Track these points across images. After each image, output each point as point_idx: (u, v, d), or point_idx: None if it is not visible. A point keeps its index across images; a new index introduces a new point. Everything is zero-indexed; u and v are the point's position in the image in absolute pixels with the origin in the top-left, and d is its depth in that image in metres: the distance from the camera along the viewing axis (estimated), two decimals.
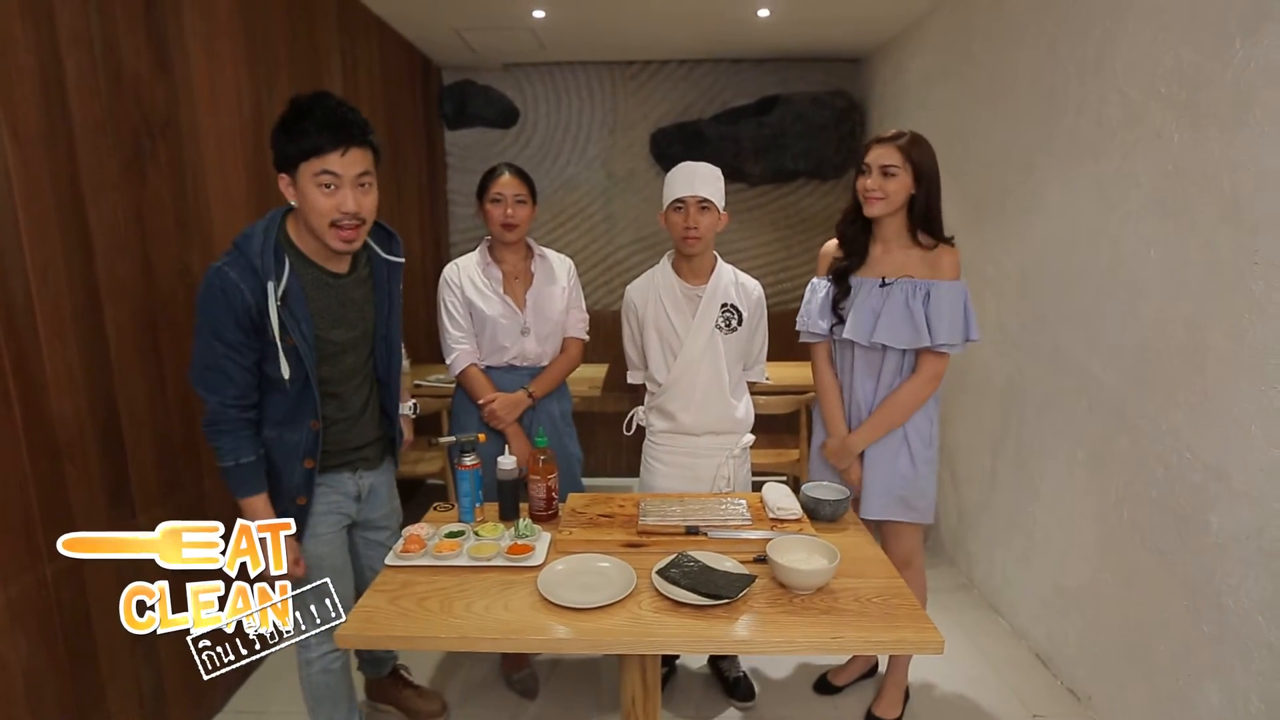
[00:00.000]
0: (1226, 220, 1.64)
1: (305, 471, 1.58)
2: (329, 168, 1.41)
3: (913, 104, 3.55)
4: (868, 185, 1.78)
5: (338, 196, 1.43)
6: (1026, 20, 2.51)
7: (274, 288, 1.42)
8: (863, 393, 1.90)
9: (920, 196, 1.77)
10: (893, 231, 1.83)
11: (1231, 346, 1.63)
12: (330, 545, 1.68)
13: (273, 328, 1.42)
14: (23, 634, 1.48)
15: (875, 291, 1.82)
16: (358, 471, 1.71)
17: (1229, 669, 1.64)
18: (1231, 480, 1.63)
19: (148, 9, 1.84)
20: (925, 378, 1.81)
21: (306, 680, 1.76)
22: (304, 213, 1.47)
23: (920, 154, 1.75)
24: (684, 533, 1.57)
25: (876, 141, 1.79)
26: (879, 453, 1.88)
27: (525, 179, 2.03)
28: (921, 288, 1.77)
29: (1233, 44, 1.62)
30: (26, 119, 1.48)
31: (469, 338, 2.06)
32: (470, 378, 2.06)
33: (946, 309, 1.75)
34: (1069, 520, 2.24)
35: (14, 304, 1.46)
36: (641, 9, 3.33)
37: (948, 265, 1.78)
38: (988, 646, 2.48)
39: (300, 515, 1.59)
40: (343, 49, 3.01)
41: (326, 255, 1.53)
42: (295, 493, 1.58)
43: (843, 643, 1.24)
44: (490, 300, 2.04)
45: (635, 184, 4.47)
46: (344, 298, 1.57)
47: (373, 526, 1.81)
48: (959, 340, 1.77)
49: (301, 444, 1.56)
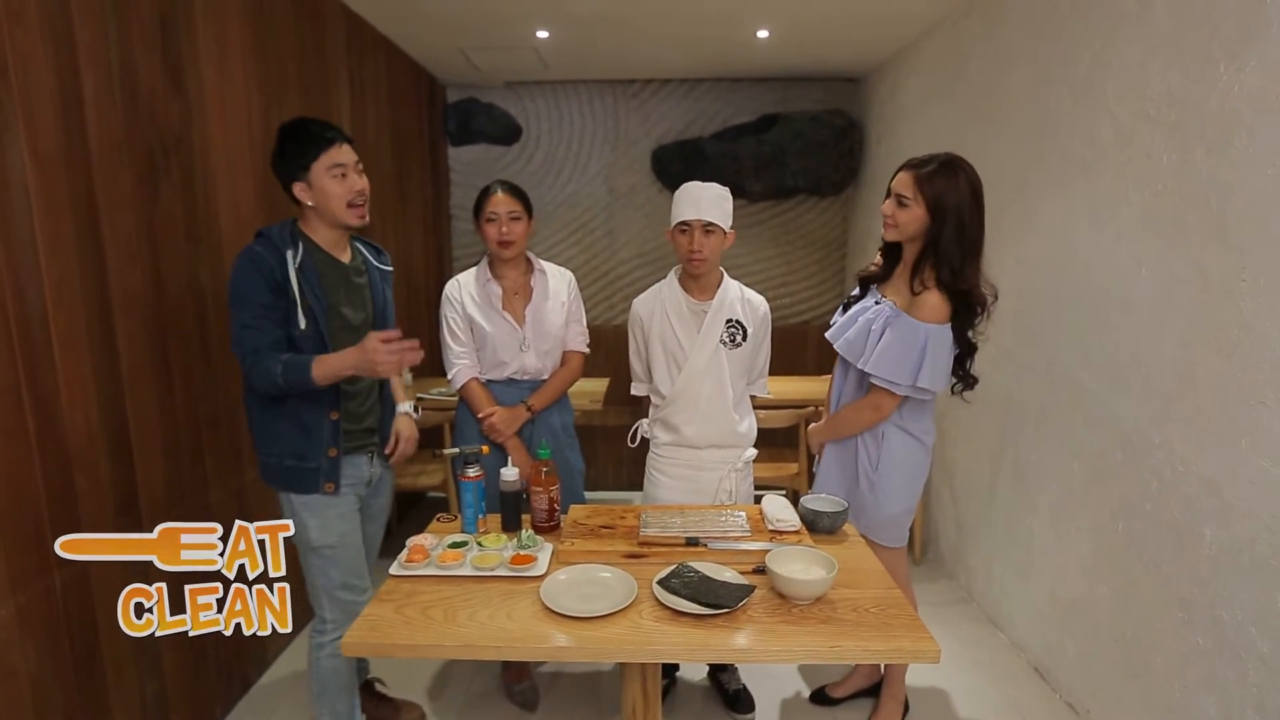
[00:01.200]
0: (1215, 239, 1.68)
1: (332, 424, 1.74)
2: (337, 160, 1.68)
3: (910, 123, 3.61)
4: (885, 211, 1.78)
5: (349, 180, 1.70)
6: (1019, 43, 2.56)
7: (291, 256, 1.67)
8: (834, 392, 1.99)
9: (932, 232, 1.68)
10: (910, 258, 1.80)
11: (1222, 361, 1.66)
12: (352, 523, 1.82)
13: (293, 288, 1.65)
14: (31, 642, 1.50)
15: (869, 305, 1.86)
16: (371, 456, 1.87)
17: (1224, 681, 1.65)
18: (1224, 493, 1.65)
19: (163, 30, 1.89)
20: (866, 402, 1.83)
21: (316, 666, 1.83)
22: (323, 203, 1.70)
23: (940, 187, 1.65)
24: (684, 544, 1.59)
25: (905, 165, 1.74)
26: (833, 453, 1.97)
27: (519, 195, 2.05)
28: (890, 316, 1.76)
29: (1218, 69, 1.67)
30: (46, 137, 1.53)
31: (469, 352, 2.10)
32: (470, 392, 2.09)
33: (895, 342, 1.72)
34: (1066, 534, 2.26)
35: (30, 317, 1.49)
36: (643, 30, 3.40)
37: (925, 305, 1.71)
38: (986, 659, 2.49)
39: (332, 468, 1.74)
40: (350, 68, 3.07)
41: (333, 244, 1.77)
42: (327, 444, 1.73)
43: (840, 652, 1.26)
44: (490, 316, 2.07)
45: (636, 200, 4.53)
46: (349, 281, 1.79)
47: (368, 517, 1.93)
48: (903, 380, 1.72)
49: (325, 396, 1.71)
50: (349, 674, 1.88)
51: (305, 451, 1.72)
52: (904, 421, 1.86)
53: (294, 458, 1.72)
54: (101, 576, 1.68)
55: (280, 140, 1.70)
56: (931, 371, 1.71)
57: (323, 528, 1.75)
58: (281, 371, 1.61)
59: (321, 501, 1.74)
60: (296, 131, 1.70)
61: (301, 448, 1.71)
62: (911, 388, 1.74)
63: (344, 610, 1.80)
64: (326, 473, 1.74)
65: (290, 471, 1.72)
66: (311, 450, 1.72)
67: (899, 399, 1.80)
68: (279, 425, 1.71)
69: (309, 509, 1.74)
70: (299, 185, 1.69)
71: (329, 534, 1.76)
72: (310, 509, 1.74)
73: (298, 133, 1.69)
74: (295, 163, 1.68)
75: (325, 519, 1.75)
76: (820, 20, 3.24)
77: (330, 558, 1.77)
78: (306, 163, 1.67)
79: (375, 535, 2.00)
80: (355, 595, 1.81)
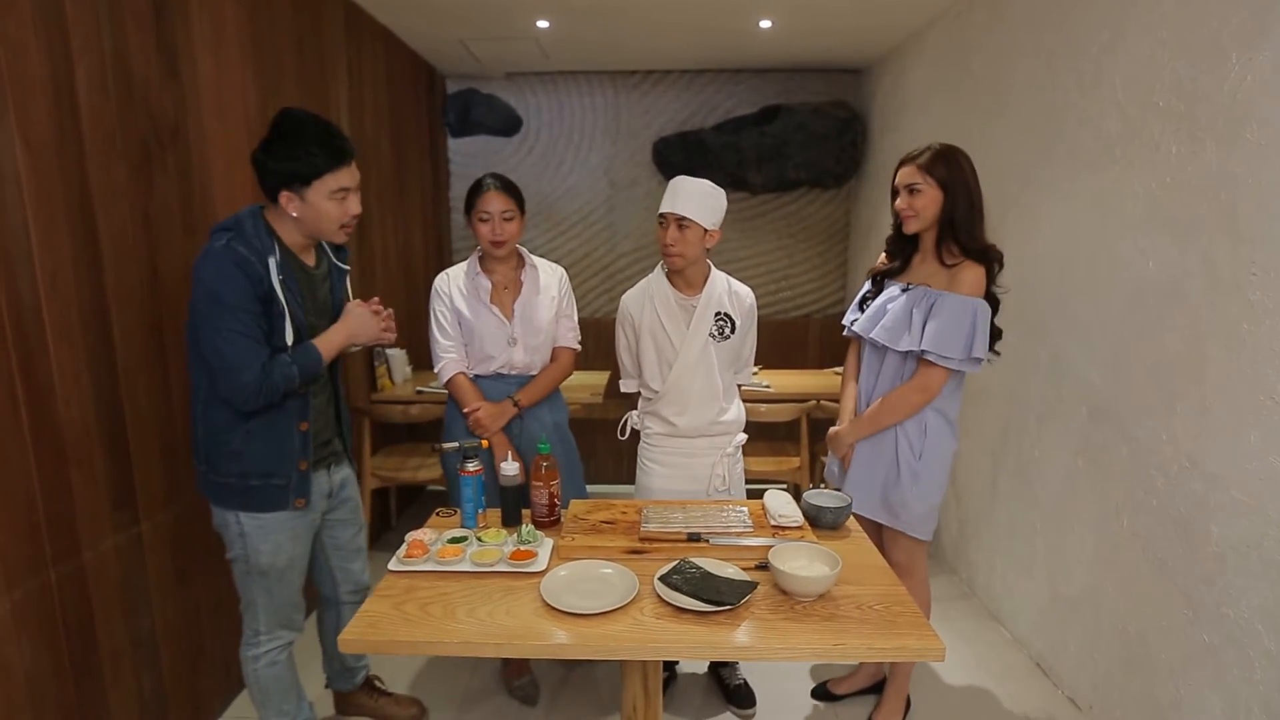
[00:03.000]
0: (1224, 231, 1.66)
1: (302, 435, 1.65)
2: (344, 183, 1.56)
3: (913, 115, 3.58)
4: (899, 207, 1.82)
5: (348, 204, 1.59)
6: (1024, 33, 2.53)
7: (274, 261, 1.53)
8: (864, 389, 1.96)
9: (948, 208, 1.78)
10: (930, 243, 1.85)
11: (1230, 356, 1.64)
12: (304, 546, 1.75)
13: (279, 298, 1.53)
14: (26, 638, 1.48)
15: (895, 294, 1.86)
16: (330, 467, 1.79)
17: (1230, 679, 1.64)
18: (1231, 489, 1.64)
19: (157, 18, 1.86)
20: (914, 385, 1.82)
21: (253, 677, 1.77)
22: (311, 220, 1.57)
23: (943, 168, 1.76)
24: (686, 539, 1.58)
25: (901, 162, 1.83)
26: (867, 450, 1.93)
27: (512, 193, 2.01)
28: (931, 296, 1.80)
29: (1229, 59, 1.64)
30: (38, 127, 1.50)
31: (457, 346, 2.07)
32: (457, 386, 2.07)
33: (946, 319, 1.76)
34: (1069, 529, 2.25)
35: (23, 309, 1.47)
36: (644, 20, 3.36)
37: (965, 281, 1.77)
38: (988, 655, 2.48)
39: (302, 482, 1.66)
40: (349, 58, 3.04)
41: (301, 248, 1.64)
42: (297, 457, 1.64)
43: (844, 649, 1.24)
44: (477, 310, 2.05)
45: (637, 193, 4.50)
46: (314, 288, 1.68)
47: (340, 523, 1.87)
48: (956, 354, 1.75)
49: (295, 406, 1.63)
50: (291, 673, 1.81)
51: (273, 468, 1.60)
52: (942, 405, 1.86)
53: (259, 476, 1.59)
54: (98, 574, 1.67)
55: (277, 134, 1.52)
56: (982, 341, 1.78)
57: (275, 550, 1.65)
58: (298, 372, 1.55)
59: (277, 522, 1.64)
60: (298, 133, 1.50)
61: (269, 464, 1.60)
62: (964, 360, 1.78)
63: (281, 621, 1.75)
64: (297, 488, 1.64)
65: (253, 491, 1.60)
66: (281, 465, 1.61)
67: (947, 377, 1.81)
68: (243, 443, 1.58)
69: (263, 530, 1.63)
70: (288, 194, 1.52)
71: (280, 557, 1.67)
72: (264, 530, 1.63)
73: (300, 135, 1.50)
74: (292, 171, 1.50)
75: (278, 541, 1.65)
76: (823, 9, 3.21)
77: (277, 579, 1.69)
78: (308, 177, 1.50)
79: (354, 538, 1.91)
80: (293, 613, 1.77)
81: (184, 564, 1.98)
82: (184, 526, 1.97)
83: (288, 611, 1.75)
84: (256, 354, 1.51)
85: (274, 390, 1.53)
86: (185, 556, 1.98)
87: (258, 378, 1.50)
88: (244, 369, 1.49)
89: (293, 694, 1.83)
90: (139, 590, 1.81)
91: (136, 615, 1.80)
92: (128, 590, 1.77)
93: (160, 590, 1.89)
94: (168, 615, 1.92)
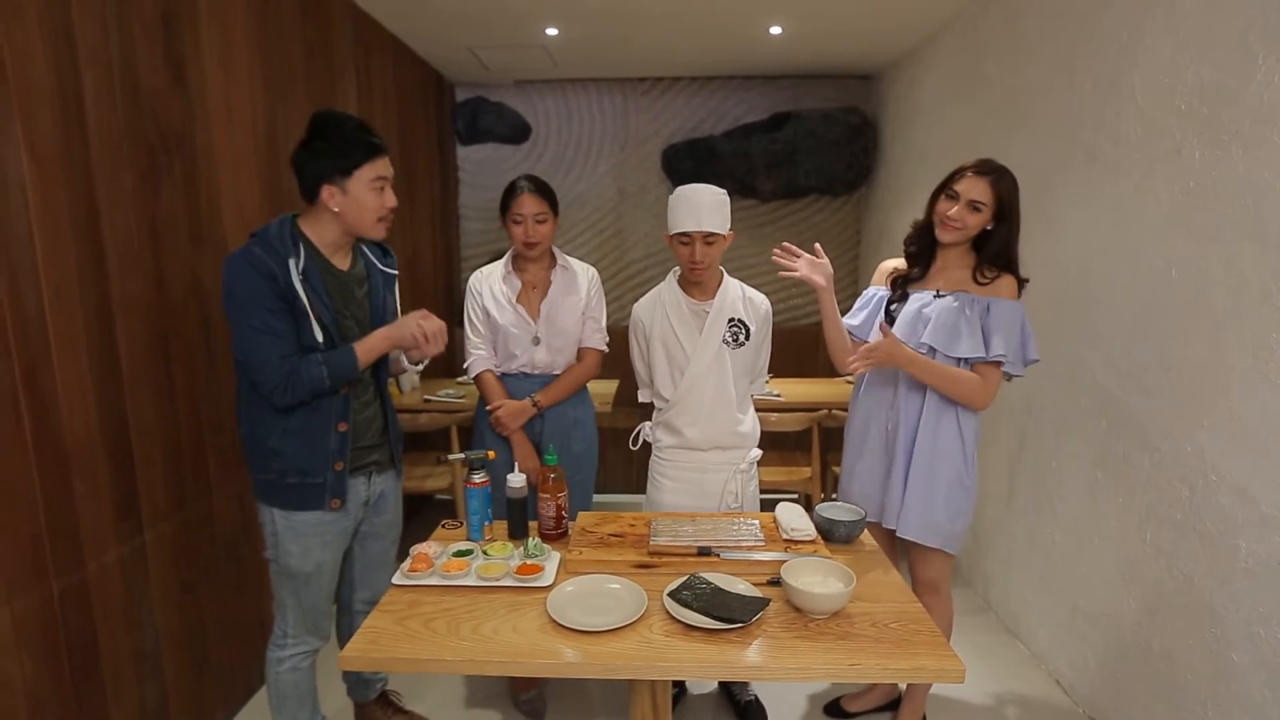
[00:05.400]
0: (1250, 237, 1.61)
1: (340, 436, 1.65)
2: (382, 172, 1.60)
3: (926, 121, 3.54)
4: (950, 214, 1.75)
5: (385, 195, 1.62)
6: (1040, 37, 2.49)
7: (294, 263, 1.55)
8: (882, 396, 1.90)
9: (1000, 232, 1.75)
10: (957, 254, 1.82)
11: (1258, 366, 1.59)
12: (335, 552, 1.73)
13: (301, 298, 1.54)
14: (27, 651, 1.46)
15: (929, 300, 1.82)
16: (370, 476, 1.77)
17: (1260, 700, 1.58)
18: (1261, 504, 1.58)
19: (165, 26, 1.86)
20: (977, 381, 1.76)
21: (274, 679, 1.77)
22: (353, 213, 1.59)
23: (1008, 191, 1.73)
24: (696, 554, 1.54)
25: (970, 171, 1.74)
26: (922, 477, 1.83)
27: (546, 195, 2.05)
28: (980, 302, 1.76)
29: (1255, 60, 1.60)
30: (44, 136, 1.50)
31: (487, 344, 2.12)
32: (482, 382, 2.12)
33: (1004, 324, 1.74)
34: (1089, 542, 2.19)
35: (27, 318, 1.46)
36: (653, 27, 3.35)
37: (1005, 286, 1.76)
38: (1005, 671, 2.42)
39: (338, 483, 1.65)
40: (357, 65, 3.04)
41: (333, 250, 1.65)
42: (333, 458, 1.64)
43: (860, 670, 1.20)
44: (504, 309, 2.08)
45: (646, 199, 4.48)
46: (347, 291, 1.67)
47: (372, 536, 1.84)
48: (1017, 359, 1.75)
49: (334, 406, 1.63)
50: (310, 682, 1.81)
51: (309, 466, 1.62)
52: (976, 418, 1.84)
53: (296, 474, 1.61)
54: (101, 586, 1.65)
55: (316, 133, 1.57)
56: (1032, 344, 1.77)
57: (303, 553, 1.66)
58: (328, 372, 1.55)
59: (308, 525, 1.64)
60: (339, 128, 1.57)
61: (306, 462, 1.61)
62: (1022, 365, 1.78)
63: (309, 627, 1.74)
64: (332, 488, 1.64)
65: (291, 489, 1.62)
66: (316, 465, 1.62)
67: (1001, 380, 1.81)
68: (280, 440, 1.60)
69: (293, 532, 1.64)
70: (330, 188, 1.56)
71: (307, 561, 1.67)
72: (295, 532, 1.64)
73: (340, 130, 1.57)
74: (333, 164, 1.55)
75: (307, 545, 1.66)
76: (834, 15, 3.18)
77: (304, 583, 1.69)
78: (349, 167, 1.55)
79: (385, 552, 1.89)
80: (321, 620, 1.76)
81: (188, 574, 1.96)
82: (188, 537, 1.95)
83: (315, 617, 1.75)
84: (275, 349, 1.53)
85: (300, 387, 1.54)
86: (189, 567, 1.96)
87: (278, 371, 1.53)
88: (264, 364, 1.53)
89: (308, 704, 1.82)
90: (142, 601, 1.79)
91: (140, 626, 1.78)
92: (131, 601, 1.76)
93: (164, 601, 1.87)
94: (171, 626, 1.90)
